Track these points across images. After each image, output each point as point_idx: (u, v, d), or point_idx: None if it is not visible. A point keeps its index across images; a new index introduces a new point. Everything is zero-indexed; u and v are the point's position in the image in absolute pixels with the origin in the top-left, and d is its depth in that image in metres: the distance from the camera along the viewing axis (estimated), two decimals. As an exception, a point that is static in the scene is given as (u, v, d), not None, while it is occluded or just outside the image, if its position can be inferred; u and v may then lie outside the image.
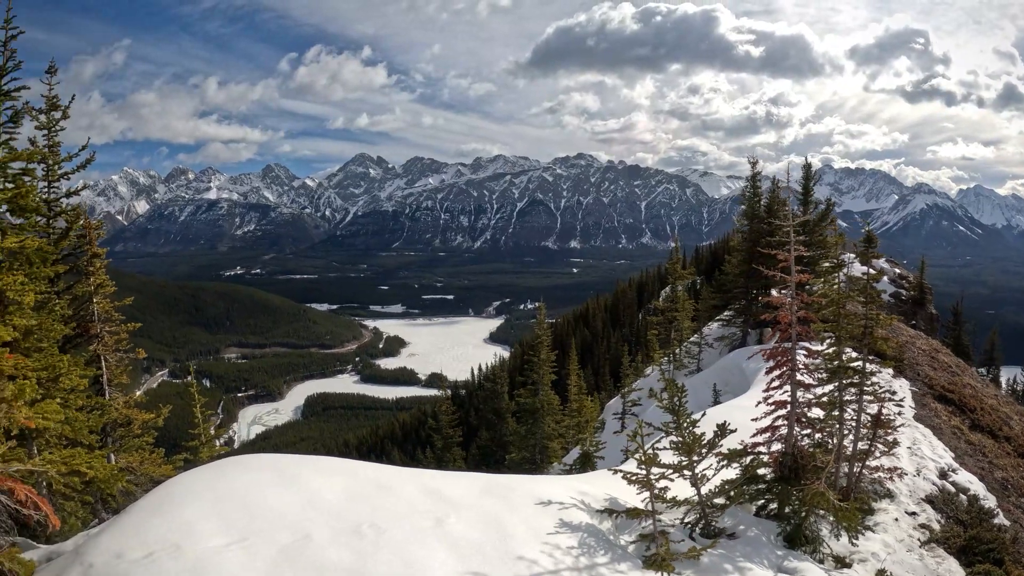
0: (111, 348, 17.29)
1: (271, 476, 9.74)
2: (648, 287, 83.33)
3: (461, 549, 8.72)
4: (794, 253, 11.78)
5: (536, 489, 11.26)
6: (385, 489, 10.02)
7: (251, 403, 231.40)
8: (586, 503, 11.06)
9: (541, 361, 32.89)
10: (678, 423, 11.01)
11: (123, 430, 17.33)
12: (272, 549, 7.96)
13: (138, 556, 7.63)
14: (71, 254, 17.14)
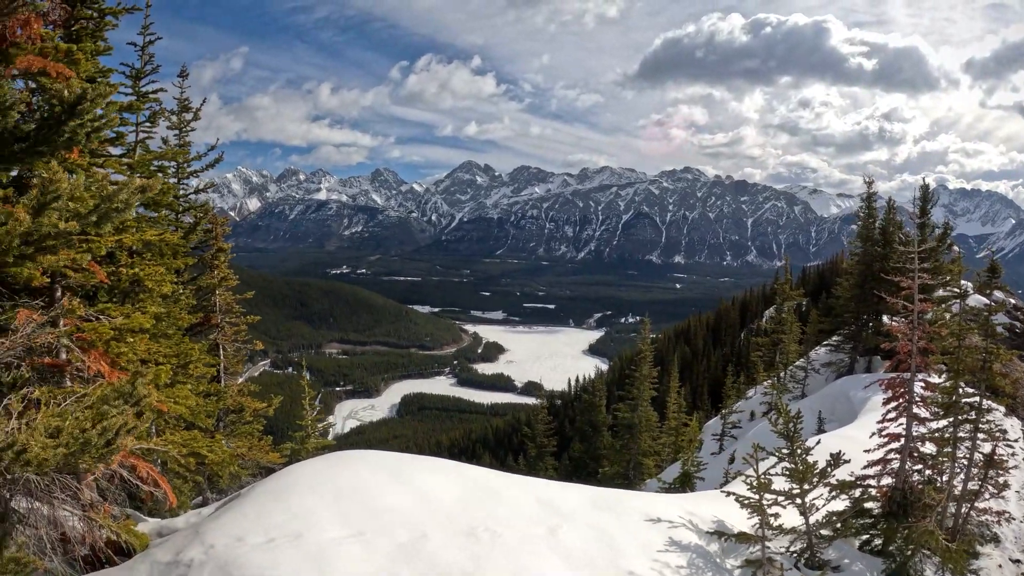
0: (230, 338, 18.21)
1: (386, 473, 10.09)
2: (751, 307, 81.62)
3: (573, 559, 8.85)
4: (918, 281, 11.48)
5: (645, 505, 11.32)
6: (497, 494, 10.25)
7: (348, 398, 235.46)
8: (694, 523, 11.06)
9: (642, 376, 32.78)
10: (792, 450, 10.88)
11: (234, 416, 18.19)
12: (390, 545, 8.26)
13: (259, 541, 8.08)
14: (197, 247, 18.09)
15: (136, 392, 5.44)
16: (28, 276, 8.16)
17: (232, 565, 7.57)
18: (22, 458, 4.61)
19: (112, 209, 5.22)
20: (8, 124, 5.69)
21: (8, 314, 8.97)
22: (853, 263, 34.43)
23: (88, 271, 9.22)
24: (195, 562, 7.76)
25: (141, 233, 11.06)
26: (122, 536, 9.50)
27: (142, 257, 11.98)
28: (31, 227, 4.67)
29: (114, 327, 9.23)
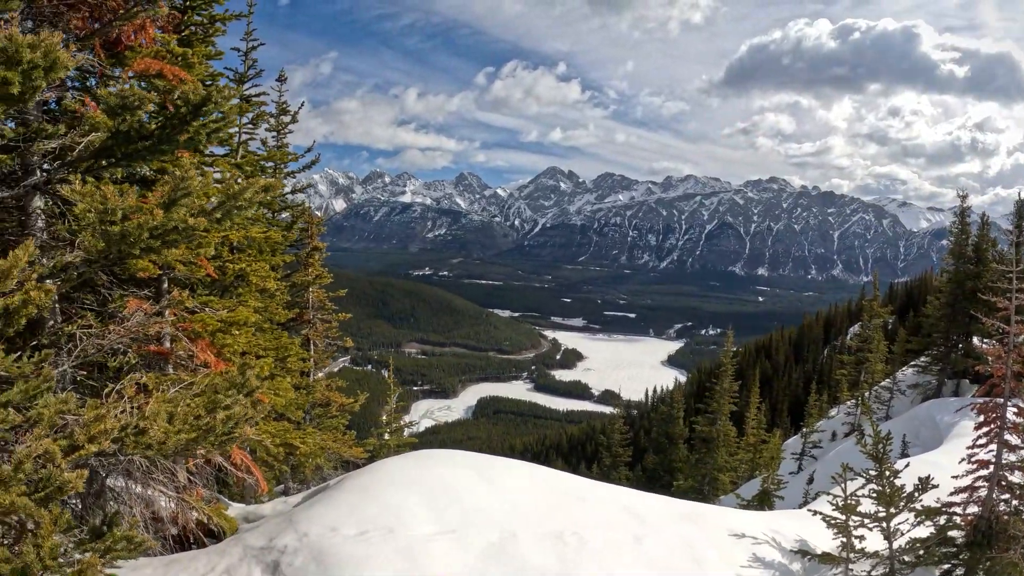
0: (320, 334, 18.70)
1: (473, 473, 10.27)
2: (836, 323, 79.45)
3: (657, 569, 8.87)
4: (1015, 302, 11.10)
5: (728, 520, 11.28)
6: (583, 499, 10.33)
7: (425, 397, 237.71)
8: (777, 541, 10.97)
9: (722, 390, 32.43)
10: (880, 471, 10.69)
11: (321, 410, 18.66)
12: (481, 544, 8.41)
13: (352, 533, 8.30)
14: (292, 245, 18.62)
15: (248, 383, 5.69)
16: (142, 268, 8.58)
17: (326, 554, 7.80)
18: (142, 441, 4.86)
19: (236, 207, 5.48)
20: (134, 123, 6.00)
21: (118, 302, 9.41)
22: (944, 281, 33.30)
23: (196, 264, 9.62)
24: (289, 548, 8.01)
25: (246, 230, 11.48)
26: (213, 519, 9.87)
27: (247, 253, 12.43)
28: (163, 222, 4.94)
29: (220, 319, 9.61)
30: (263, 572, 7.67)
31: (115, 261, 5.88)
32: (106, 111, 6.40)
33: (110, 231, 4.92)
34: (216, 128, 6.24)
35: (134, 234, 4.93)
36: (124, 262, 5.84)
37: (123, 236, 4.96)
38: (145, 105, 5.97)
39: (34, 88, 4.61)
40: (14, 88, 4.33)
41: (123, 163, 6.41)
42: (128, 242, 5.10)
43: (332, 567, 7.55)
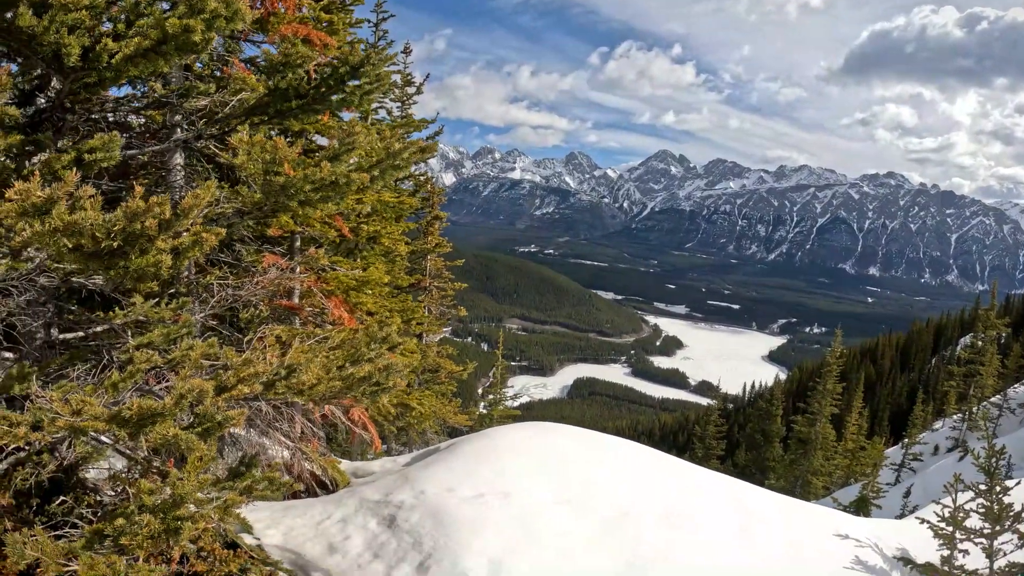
0: (436, 301, 19.04)
1: (586, 447, 10.37)
2: (946, 332, 75.93)
3: (763, 559, 8.81)
4: None
5: (834, 521, 11.12)
6: (693, 484, 10.32)
7: (522, 373, 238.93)
8: (879, 547, 10.72)
9: (825, 391, 31.71)
10: (990, 486, 10.33)
11: (430, 376, 19.01)
12: (595, 517, 8.45)
13: (468, 495, 8.43)
14: (414, 214, 18.99)
15: (390, 338, 5.82)
16: (283, 223, 8.87)
17: (442, 513, 7.94)
18: (293, 385, 5.03)
19: (393, 165, 5.59)
20: (293, 80, 6.16)
21: (254, 257, 9.76)
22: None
23: (331, 224, 9.88)
24: (405, 504, 8.18)
25: (379, 194, 11.73)
26: (328, 471, 10.19)
27: (379, 216, 12.71)
28: (327, 175, 5.08)
29: (355, 278, 9.87)
30: (379, 524, 7.86)
31: (268, 213, 6.07)
32: (266, 68, 6.62)
33: (273, 181, 5.09)
34: (369, 91, 6.35)
35: (296, 186, 5.08)
36: (275, 214, 6.03)
37: (284, 187, 5.12)
38: (308, 63, 6.13)
39: (209, 40, 4.77)
40: (196, 36, 4.49)
41: (275, 120, 6.60)
42: (288, 193, 5.26)
43: (448, 526, 7.69)
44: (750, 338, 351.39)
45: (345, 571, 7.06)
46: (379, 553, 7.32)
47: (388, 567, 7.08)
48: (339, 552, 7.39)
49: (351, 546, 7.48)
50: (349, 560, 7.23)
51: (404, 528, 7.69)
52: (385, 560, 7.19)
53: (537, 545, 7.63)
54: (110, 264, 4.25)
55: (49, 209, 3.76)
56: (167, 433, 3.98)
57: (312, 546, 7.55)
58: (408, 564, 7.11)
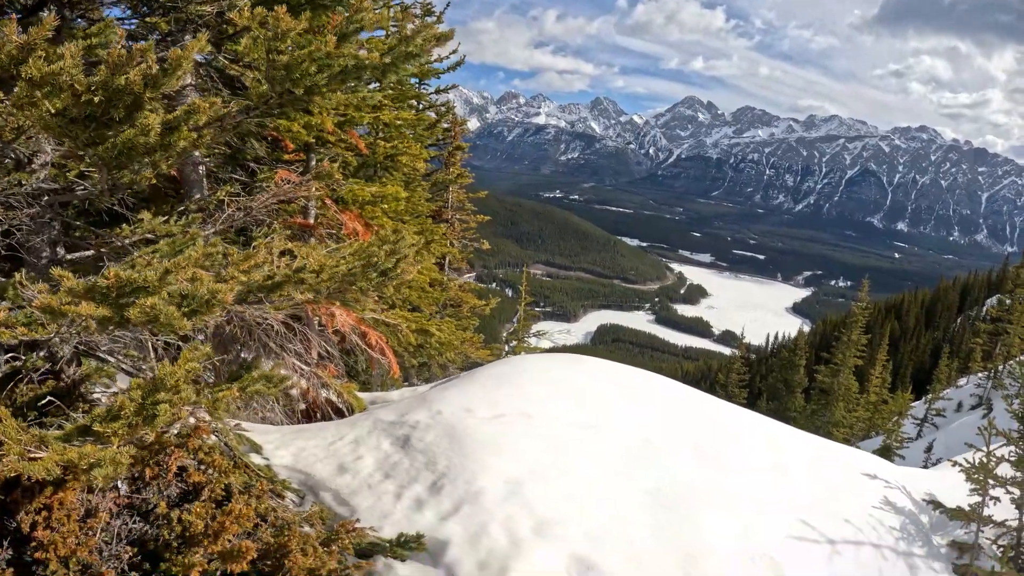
0: (458, 234, 18.71)
1: (611, 377, 10.13)
2: (973, 292, 74.97)
3: (793, 495, 8.64)
4: None
5: (862, 461, 10.90)
6: (724, 421, 10.13)
7: (546, 319, 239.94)
8: (908, 490, 10.49)
9: (850, 341, 31.46)
10: (1023, 434, 9.99)
11: (452, 310, 18.77)
12: (620, 445, 8.19)
13: (487, 415, 8.18)
14: (436, 143, 18.56)
15: (402, 244, 5.49)
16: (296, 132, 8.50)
17: (459, 432, 7.69)
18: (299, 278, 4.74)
19: (407, 53, 5.18)
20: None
21: (267, 174, 9.44)
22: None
23: (346, 140, 9.52)
24: (420, 424, 7.94)
25: (398, 112, 11.34)
26: (344, 396, 9.98)
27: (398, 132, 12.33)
28: (333, 52, 4.70)
29: (371, 192, 9.54)
30: (392, 444, 7.63)
31: (276, 107, 5.68)
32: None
33: (277, 61, 4.71)
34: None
35: (301, 67, 4.70)
36: (283, 109, 5.64)
37: (288, 68, 4.74)
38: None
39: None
40: None
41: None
42: (293, 78, 4.89)
43: (465, 445, 7.44)
44: (775, 289, 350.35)
45: (355, 491, 6.83)
46: (391, 473, 7.08)
47: (399, 487, 6.84)
48: (349, 472, 7.15)
49: (362, 466, 7.24)
50: (359, 480, 7.00)
51: (418, 448, 7.44)
52: (397, 480, 6.95)
53: (558, 469, 7.38)
54: (97, 137, 3.94)
55: (25, 57, 3.44)
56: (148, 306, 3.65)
57: (322, 467, 7.33)
58: (420, 484, 6.86)
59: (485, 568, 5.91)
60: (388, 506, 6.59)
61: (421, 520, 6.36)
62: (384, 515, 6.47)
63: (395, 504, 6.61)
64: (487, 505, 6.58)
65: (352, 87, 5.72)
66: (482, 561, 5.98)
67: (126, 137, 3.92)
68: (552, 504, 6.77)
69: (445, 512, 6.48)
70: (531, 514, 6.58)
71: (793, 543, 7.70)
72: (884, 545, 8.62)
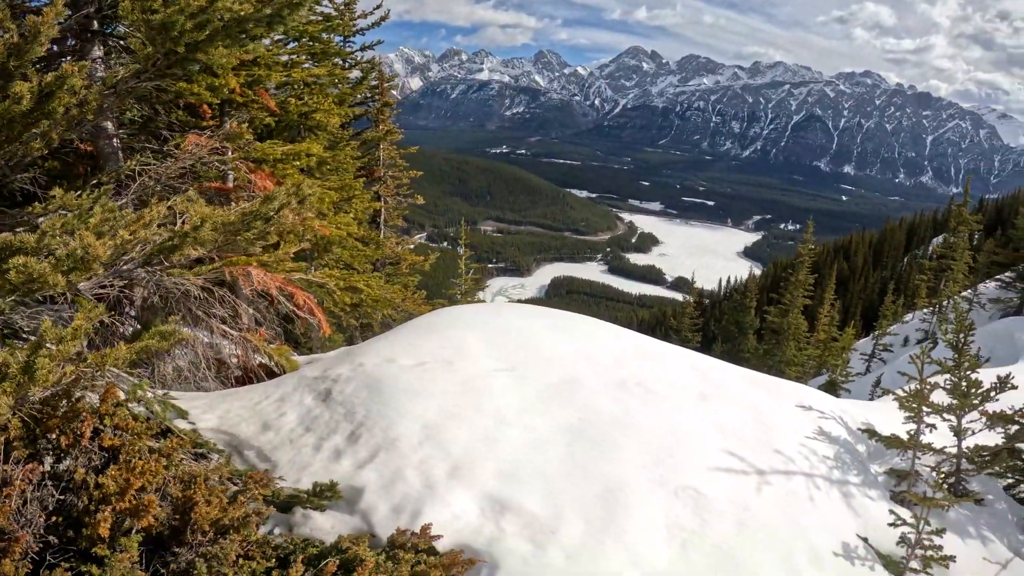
0: (391, 191, 18.64)
1: (544, 322, 10.24)
2: (919, 232, 76.59)
3: (723, 426, 8.72)
4: None
5: (798, 393, 11.04)
6: (653, 356, 10.20)
7: (499, 275, 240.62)
8: (844, 420, 10.68)
9: (797, 282, 32.04)
10: (958, 362, 10.18)
11: (391, 268, 18.77)
12: (540, 383, 8.33)
13: (409, 363, 8.30)
14: (363, 102, 18.38)
15: (302, 191, 5.53)
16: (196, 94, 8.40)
17: (379, 382, 7.81)
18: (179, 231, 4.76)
19: (289, 2, 5.17)
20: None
21: (178, 139, 9.35)
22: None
23: (255, 100, 9.43)
24: (342, 377, 8.06)
25: (310, 69, 11.23)
26: (274, 358, 10.01)
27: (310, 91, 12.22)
28: (204, 5, 4.69)
29: (283, 151, 9.50)
30: (314, 399, 7.74)
31: (164, 68, 5.66)
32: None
33: (152, 21, 4.68)
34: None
35: (176, 25, 4.68)
36: (172, 70, 5.61)
37: (165, 28, 4.72)
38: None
39: None
40: None
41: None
42: (172, 36, 4.86)
43: (384, 394, 7.57)
44: (725, 234, 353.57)
45: (277, 447, 6.94)
46: (311, 427, 7.21)
47: (319, 439, 6.98)
48: (272, 429, 7.26)
49: (284, 422, 7.36)
50: (282, 436, 7.11)
51: (338, 400, 7.57)
52: (317, 433, 7.09)
53: (477, 411, 7.53)
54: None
55: None
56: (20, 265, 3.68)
57: (247, 426, 7.41)
58: (339, 434, 7.01)
59: (399, 512, 6.06)
60: (307, 458, 6.72)
61: (338, 470, 6.49)
62: (303, 467, 6.59)
63: (314, 456, 6.74)
64: (403, 450, 6.73)
65: (241, 42, 5.70)
66: (396, 505, 6.12)
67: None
68: (468, 446, 6.93)
69: (362, 460, 6.62)
70: (447, 457, 6.73)
71: (719, 475, 7.81)
72: (817, 474, 8.76)
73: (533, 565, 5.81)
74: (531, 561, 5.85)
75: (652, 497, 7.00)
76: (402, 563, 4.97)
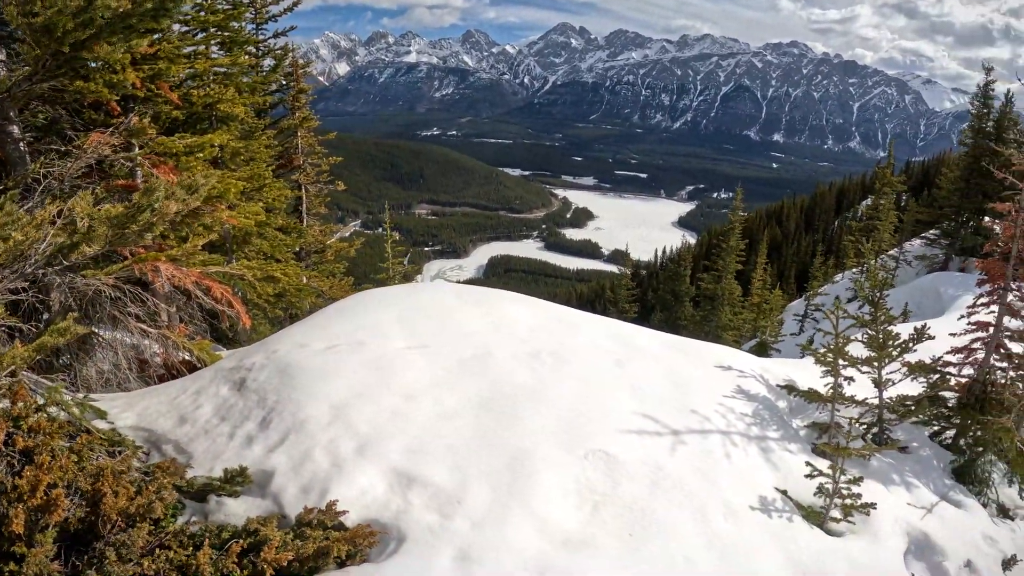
0: (312, 179, 18.55)
1: (462, 299, 10.42)
2: (849, 195, 78.86)
3: (638, 390, 8.90)
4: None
5: (718, 354, 11.25)
6: (571, 326, 10.43)
7: (437, 258, 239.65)
8: (764, 378, 10.88)
9: (729, 248, 32.59)
10: (875, 316, 10.47)
11: (317, 256, 18.73)
12: (452, 359, 8.52)
13: (321, 347, 8.45)
14: (278, 90, 18.23)
15: (195, 182, 5.61)
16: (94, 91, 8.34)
17: (291, 367, 7.96)
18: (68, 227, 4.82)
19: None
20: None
21: (82, 139, 9.26)
22: (960, 154, 32.62)
23: (158, 93, 9.39)
24: (256, 365, 8.18)
25: (213, 61, 11.17)
26: (195, 354, 10.02)
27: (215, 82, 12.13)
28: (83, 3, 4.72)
29: (185, 144, 9.47)
30: (230, 389, 7.85)
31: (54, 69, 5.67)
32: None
33: (34, 23, 4.71)
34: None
35: (58, 24, 4.72)
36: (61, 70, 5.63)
37: (47, 29, 4.75)
38: None
39: None
40: None
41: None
42: (56, 38, 4.89)
43: (295, 378, 7.73)
44: (660, 205, 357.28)
45: (193, 438, 7.05)
46: (226, 416, 7.33)
47: (233, 427, 7.12)
48: (189, 422, 7.36)
49: (200, 414, 7.46)
50: (198, 427, 7.22)
51: (252, 388, 7.70)
52: (231, 421, 7.22)
53: (386, 388, 7.71)
54: None
55: None
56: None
57: (164, 421, 7.49)
58: (252, 421, 7.16)
59: (308, 491, 6.22)
60: (222, 447, 6.84)
61: (250, 455, 6.63)
62: (217, 456, 6.71)
63: (228, 444, 6.86)
64: (312, 431, 6.90)
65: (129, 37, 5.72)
66: (305, 485, 6.29)
67: None
68: (376, 423, 7.11)
69: (272, 444, 6.77)
70: (355, 435, 6.90)
71: (632, 437, 8.00)
72: (734, 431, 8.96)
73: (439, 534, 5.99)
74: (437, 531, 6.03)
75: (562, 463, 7.19)
76: (308, 540, 5.14)
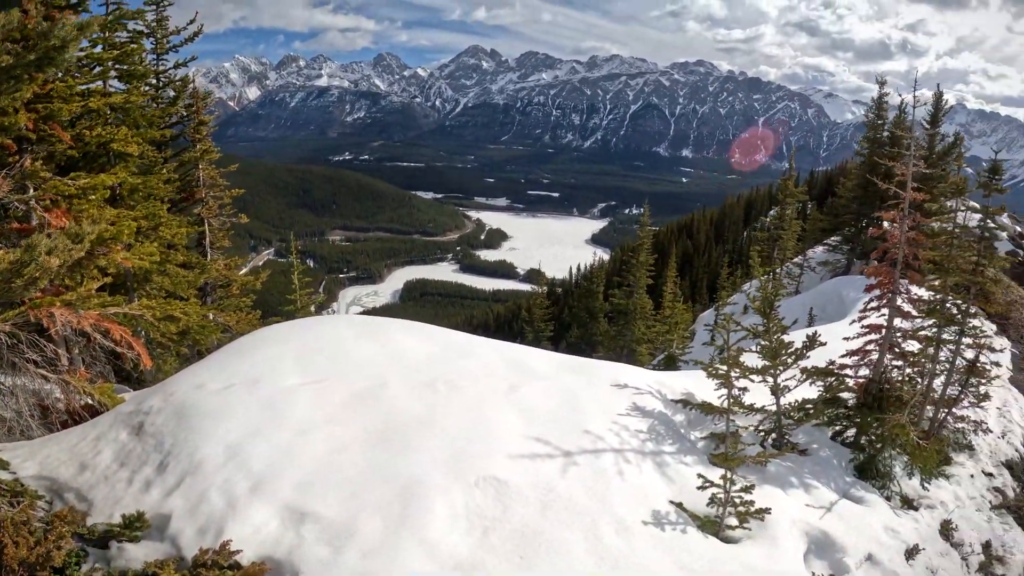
0: (214, 212, 18.26)
1: (357, 331, 10.49)
2: (757, 206, 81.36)
3: (531, 414, 9.06)
4: (912, 168, 10.99)
5: (614, 373, 11.43)
6: (467, 354, 10.54)
7: (352, 284, 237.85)
8: (662, 393, 11.10)
9: (639, 263, 33.01)
10: (767, 327, 10.72)
11: (222, 291, 18.41)
12: (345, 392, 8.59)
13: (217, 387, 8.41)
14: (179, 122, 17.93)
15: (82, 231, 5.54)
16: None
17: (187, 408, 7.97)
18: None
19: (51, 47, 5.15)
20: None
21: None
22: (857, 164, 34.04)
23: (50, 133, 9.20)
24: (154, 408, 8.14)
25: (107, 98, 10.97)
26: (96, 397, 9.80)
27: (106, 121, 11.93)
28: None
29: (77, 186, 9.29)
30: (128, 434, 7.81)
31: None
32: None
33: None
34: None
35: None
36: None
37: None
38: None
39: None
40: None
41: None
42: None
43: (192, 419, 7.77)
44: (572, 224, 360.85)
45: (93, 485, 7.02)
46: (125, 461, 7.32)
47: (132, 472, 7.13)
48: (89, 469, 7.31)
49: (100, 460, 7.42)
50: (98, 474, 7.17)
51: (150, 432, 7.69)
52: (130, 467, 7.21)
53: (278, 425, 7.78)
54: None
55: None
56: None
57: (65, 469, 7.40)
58: (149, 466, 7.18)
59: (204, 533, 6.25)
60: (121, 493, 6.82)
61: (148, 499, 6.64)
62: (116, 502, 6.69)
63: (127, 489, 6.85)
64: (208, 472, 6.93)
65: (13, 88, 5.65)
66: (202, 527, 6.32)
67: None
68: (269, 461, 7.19)
69: (169, 487, 6.78)
70: (248, 474, 6.95)
71: (524, 461, 8.15)
72: (627, 448, 9.13)
73: (331, 567, 6.09)
74: (329, 564, 6.12)
75: (451, 490, 7.34)
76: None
